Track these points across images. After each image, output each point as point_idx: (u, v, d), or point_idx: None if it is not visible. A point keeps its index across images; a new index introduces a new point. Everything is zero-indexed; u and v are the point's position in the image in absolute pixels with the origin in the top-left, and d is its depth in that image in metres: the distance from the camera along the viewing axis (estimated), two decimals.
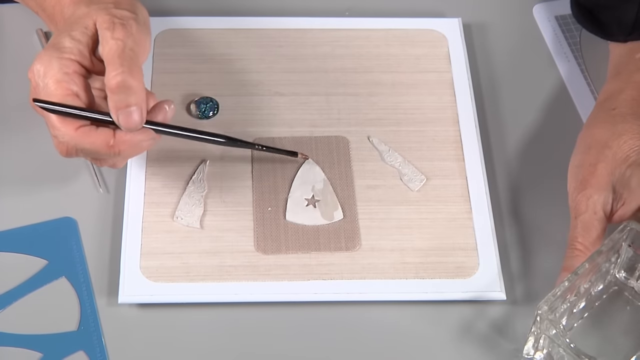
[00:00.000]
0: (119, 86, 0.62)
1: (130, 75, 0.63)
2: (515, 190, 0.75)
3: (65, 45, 0.64)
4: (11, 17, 0.83)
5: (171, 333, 0.68)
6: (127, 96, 0.63)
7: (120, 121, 0.63)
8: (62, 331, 0.67)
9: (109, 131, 0.64)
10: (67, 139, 0.64)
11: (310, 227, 0.72)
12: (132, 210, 0.72)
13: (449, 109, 0.78)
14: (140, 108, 0.63)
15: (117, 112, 0.63)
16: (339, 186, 0.74)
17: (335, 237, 0.71)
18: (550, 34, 0.85)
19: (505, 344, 0.68)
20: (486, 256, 0.71)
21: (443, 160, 0.76)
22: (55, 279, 0.70)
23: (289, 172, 0.74)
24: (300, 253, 0.70)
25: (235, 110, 0.78)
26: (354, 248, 0.71)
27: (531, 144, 0.78)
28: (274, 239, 0.71)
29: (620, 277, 0.69)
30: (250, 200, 0.72)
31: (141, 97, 0.63)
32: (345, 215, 0.72)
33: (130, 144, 0.64)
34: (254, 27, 0.82)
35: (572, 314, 0.67)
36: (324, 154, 0.75)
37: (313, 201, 0.73)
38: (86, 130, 0.64)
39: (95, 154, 0.65)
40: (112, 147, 0.64)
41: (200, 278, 0.69)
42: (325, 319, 0.69)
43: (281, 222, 0.72)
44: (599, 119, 0.72)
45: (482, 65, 0.82)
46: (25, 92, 0.71)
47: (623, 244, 0.67)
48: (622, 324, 0.68)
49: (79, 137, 0.63)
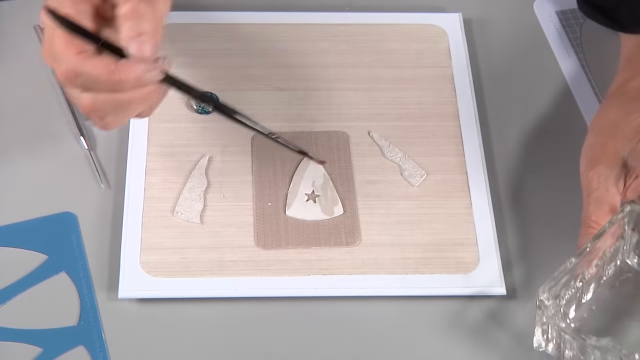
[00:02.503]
0: (133, 11, 0.58)
1: (144, 1, 0.58)
2: (515, 185, 0.75)
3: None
4: (9, 13, 0.83)
5: (171, 328, 0.68)
6: (139, 23, 0.58)
7: (132, 51, 0.58)
8: (62, 326, 0.67)
9: (111, 58, 0.59)
10: (68, 62, 0.58)
11: (310, 222, 0.71)
12: (132, 205, 0.71)
13: (450, 104, 0.78)
14: (154, 38, 0.59)
15: (129, 41, 0.58)
16: (339, 181, 0.74)
17: (336, 232, 0.71)
18: (551, 28, 0.85)
19: (505, 339, 0.68)
20: (486, 251, 0.71)
21: (443, 156, 0.75)
22: (55, 274, 0.70)
23: (289, 167, 0.74)
24: (300, 248, 0.70)
25: (236, 105, 0.77)
26: (354, 243, 0.71)
27: (531, 138, 0.78)
28: (274, 234, 0.71)
29: (633, 264, 0.69)
30: (251, 196, 0.72)
31: (155, 25, 0.59)
32: (345, 210, 0.72)
33: (133, 72, 0.58)
34: (254, 22, 0.82)
35: (580, 304, 0.67)
36: (324, 149, 0.75)
37: (313, 196, 0.73)
38: (89, 54, 0.58)
39: (94, 82, 0.58)
40: (113, 74, 0.58)
41: (200, 273, 0.69)
42: (326, 314, 0.69)
43: (281, 217, 0.72)
44: (610, 104, 0.73)
45: (483, 61, 0.82)
46: (24, 88, 0.71)
47: (626, 229, 0.66)
48: (635, 312, 0.67)
49: (81, 60, 0.58)
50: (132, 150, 0.74)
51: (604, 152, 0.68)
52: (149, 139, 0.75)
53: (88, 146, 0.75)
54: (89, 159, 0.75)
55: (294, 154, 0.73)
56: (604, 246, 0.65)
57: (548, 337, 0.65)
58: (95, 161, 0.75)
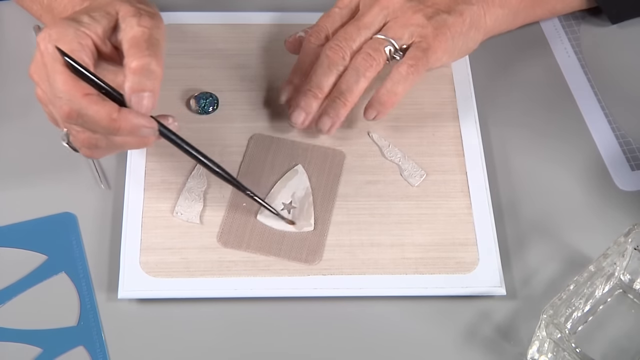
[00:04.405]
0: (142, 68, 0.62)
1: (155, 60, 0.62)
2: (515, 185, 0.75)
3: (83, 20, 0.64)
4: (8, 13, 0.83)
5: (171, 328, 0.68)
6: (146, 79, 0.62)
7: (132, 103, 0.62)
8: (62, 326, 0.67)
9: (115, 105, 0.62)
10: (72, 103, 0.62)
11: (276, 231, 0.71)
12: (132, 206, 0.71)
13: (449, 104, 0.78)
14: (154, 95, 0.63)
15: (131, 93, 0.62)
16: (320, 197, 0.73)
17: (299, 247, 0.70)
18: (550, 28, 0.85)
19: (504, 340, 0.68)
20: (486, 251, 0.71)
21: (443, 156, 0.75)
22: (55, 274, 0.70)
23: (275, 173, 0.74)
24: (258, 254, 0.70)
25: (235, 105, 0.77)
26: (313, 262, 0.70)
27: (531, 138, 0.78)
28: (237, 234, 0.70)
29: (625, 280, 0.69)
30: (238, 194, 0.72)
31: (157, 85, 0.63)
32: (315, 228, 0.72)
33: (132, 124, 0.62)
34: (254, 22, 0.82)
35: (576, 318, 0.67)
36: (317, 163, 0.75)
37: (289, 207, 0.72)
38: (94, 98, 0.62)
39: (94, 125, 0.62)
40: (114, 121, 0.62)
41: (199, 273, 0.69)
42: (325, 314, 0.69)
43: (250, 220, 0.71)
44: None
45: (483, 61, 0.82)
46: (23, 87, 0.71)
47: (629, 247, 0.66)
48: (627, 327, 0.68)
49: (86, 102, 0.61)
50: (132, 150, 0.74)
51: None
52: None
53: None
54: (89, 160, 0.75)
55: (284, 160, 0.74)
56: (606, 265, 0.66)
57: (542, 351, 0.65)
58: (95, 161, 0.75)
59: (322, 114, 0.72)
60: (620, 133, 0.78)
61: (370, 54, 0.71)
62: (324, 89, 0.72)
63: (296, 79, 0.74)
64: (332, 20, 0.74)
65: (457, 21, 0.73)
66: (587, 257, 0.70)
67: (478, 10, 0.75)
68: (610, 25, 0.85)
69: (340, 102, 0.71)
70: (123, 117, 0.62)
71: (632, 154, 0.77)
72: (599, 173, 0.76)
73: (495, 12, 0.76)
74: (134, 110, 0.62)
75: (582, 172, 0.76)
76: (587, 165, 0.76)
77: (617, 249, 0.65)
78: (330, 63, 0.71)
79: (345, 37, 0.72)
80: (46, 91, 0.64)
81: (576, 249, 0.71)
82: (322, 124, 0.72)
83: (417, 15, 0.72)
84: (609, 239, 0.66)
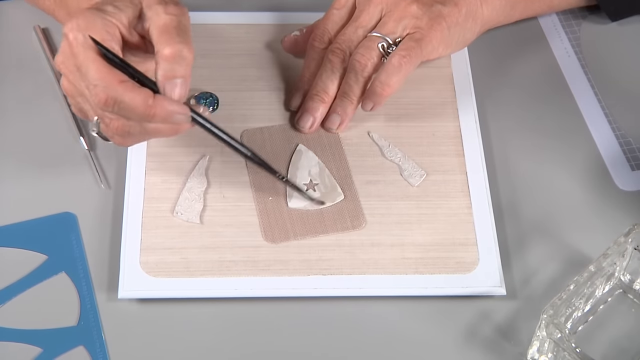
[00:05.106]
0: (175, 55, 0.62)
1: (187, 47, 0.63)
2: (515, 185, 0.75)
3: (108, 10, 0.63)
4: (9, 13, 0.83)
5: (171, 328, 0.68)
6: (178, 66, 0.62)
7: (166, 90, 0.62)
8: (62, 326, 0.67)
9: (150, 92, 0.62)
10: (109, 90, 0.61)
11: (313, 211, 0.72)
12: (132, 206, 0.71)
13: (449, 104, 0.78)
14: (186, 82, 0.63)
15: (164, 81, 0.62)
16: (334, 167, 0.74)
17: (340, 218, 0.71)
18: (550, 28, 0.85)
19: (504, 340, 0.68)
20: (486, 251, 0.71)
21: (443, 156, 0.75)
22: (55, 274, 0.70)
23: (282, 159, 0.74)
24: (309, 237, 0.70)
25: (235, 105, 0.77)
26: (360, 226, 0.71)
27: (531, 138, 0.78)
28: (280, 227, 0.71)
29: (625, 280, 0.69)
30: (251, 195, 0.72)
31: (189, 72, 0.63)
32: (345, 195, 0.72)
33: (166, 111, 0.62)
34: (254, 22, 0.82)
35: (576, 318, 0.67)
36: (314, 138, 0.75)
37: (312, 185, 0.73)
38: (129, 85, 0.62)
39: (130, 112, 0.62)
40: (149, 108, 0.62)
41: (200, 273, 0.69)
42: (325, 314, 0.69)
43: (284, 209, 0.72)
44: None
45: (483, 61, 0.82)
46: (23, 87, 0.71)
47: (629, 247, 0.66)
48: (627, 327, 0.68)
49: (122, 89, 0.61)
50: (132, 150, 0.74)
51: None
52: None
53: (88, 146, 0.75)
54: (89, 159, 0.75)
55: (283, 145, 0.74)
56: (606, 266, 0.65)
57: (542, 351, 0.65)
58: (95, 161, 0.75)
59: (331, 112, 0.75)
60: (620, 133, 0.78)
61: (363, 54, 0.72)
62: (329, 92, 0.74)
63: (305, 85, 0.76)
64: (333, 22, 0.76)
65: (452, 11, 0.74)
66: (587, 257, 0.70)
67: (474, 0, 0.75)
68: (610, 23, 0.85)
69: (347, 100, 0.74)
70: (158, 103, 0.62)
71: (632, 153, 0.77)
72: (599, 173, 0.76)
73: (492, 2, 0.77)
74: (167, 97, 0.62)
75: (582, 172, 0.76)
76: (587, 165, 0.76)
77: (617, 249, 0.65)
78: (333, 67, 0.74)
79: (344, 39, 0.74)
80: (75, 82, 0.64)
81: (576, 249, 0.71)
82: (330, 122, 0.75)
83: (412, 7, 0.73)
84: (609, 239, 0.66)
